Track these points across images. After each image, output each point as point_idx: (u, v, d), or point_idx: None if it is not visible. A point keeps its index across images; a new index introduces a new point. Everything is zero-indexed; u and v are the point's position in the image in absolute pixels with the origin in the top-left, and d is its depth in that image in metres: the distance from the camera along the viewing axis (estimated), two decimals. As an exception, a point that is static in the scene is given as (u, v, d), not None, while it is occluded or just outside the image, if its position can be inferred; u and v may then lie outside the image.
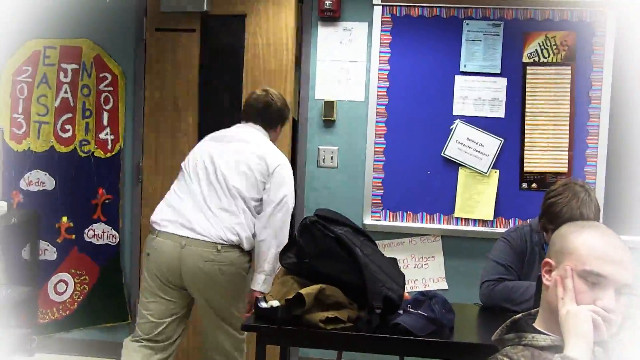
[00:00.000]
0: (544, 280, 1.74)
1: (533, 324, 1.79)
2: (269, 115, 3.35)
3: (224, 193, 3.08)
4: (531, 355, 1.68)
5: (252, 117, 3.35)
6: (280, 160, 3.22)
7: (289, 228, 3.18)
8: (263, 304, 2.54)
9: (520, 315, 1.87)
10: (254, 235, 3.12)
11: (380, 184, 4.21)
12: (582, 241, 1.67)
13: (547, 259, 1.75)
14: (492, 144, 4.13)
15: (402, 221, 4.20)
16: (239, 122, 3.40)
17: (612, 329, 1.66)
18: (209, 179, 3.12)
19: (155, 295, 3.10)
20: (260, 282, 3.09)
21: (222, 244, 3.01)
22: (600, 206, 3.50)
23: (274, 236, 3.08)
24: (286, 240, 3.06)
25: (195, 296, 3.12)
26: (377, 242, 3.95)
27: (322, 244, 2.60)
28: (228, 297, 3.11)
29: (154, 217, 3.15)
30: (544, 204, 2.84)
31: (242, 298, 3.15)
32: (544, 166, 4.12)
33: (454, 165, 4.15)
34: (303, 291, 2.48)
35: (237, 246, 3.07)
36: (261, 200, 3.14)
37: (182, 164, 3.28)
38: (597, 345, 1.62)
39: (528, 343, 1.72)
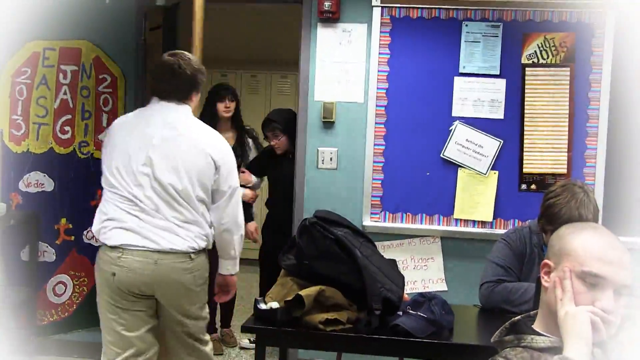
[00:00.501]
0: (543, 282, 1.74)
1: (532, 326, 1.79)
2: (179, 87, 2.96)
3: (181, 205, 2.85)
4: (530, 357, 1.68)
5: (162, 92, 2.97)
6: (221, 147, 2.99)
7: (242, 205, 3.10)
8: (262, 306, 2.55)
9: (519, 317, 1.87)
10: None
11: (379, 185, 4.21)
12: (580, 242, 1.67)
13: (545, 261, 1.75)
14: (491, 145, 4.13)
15: (402, 222, 4.21)
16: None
17: (611, 330, 1.66)
18: (154, 189, 2.84)
19: (125, 310, 2.87)
20: (231, 266, 3.05)
21: (193, 251, 2.87)
22: (599, 207, 3.52)
23: (234, 223, 2.97)
24: (243, 219, 3.04)
25: (167, 312, 2.92)
26: (376, 243, 3.95)
27: (322, 246, 2.61)
28: (199, 305, 2.97)
29: (115, 242, 2.85)
30: (542, 205, 2.84)
31: (205, 306, 3.04)
32: (543, 167, 4.13)
33: (453, 167, 4.15)
34: (302, 293, 2.48)
35: (204, 249, 2.95)
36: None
37: (108, 167, 2.93)
38: (596, 347, 1.62)
39: (527, 345, 1.72)
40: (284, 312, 2.48)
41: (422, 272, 4.10)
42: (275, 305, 2.53)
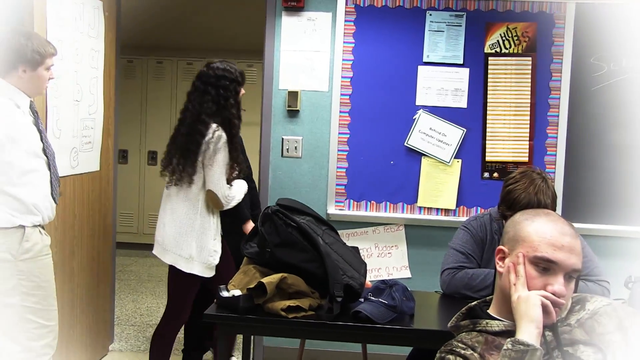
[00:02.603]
0: (498, 267, 1.78)
1: (488, 310, 1.83)
2: None
3: None
4: (485, 341, 1.71)
5: None
6: None
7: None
8: (225, 294, 2.55)
9: (475, 302, 1.91)
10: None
11: (344, 174, 4.23)
12: (533, 228, 1.71)
13: (500, 247, 1.79)
14: (454, 134, 4.17)
15: (366, 210, 4.23)
16: None
17: (562, 313, 1.71)
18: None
19: None
20: None
21: None
22: (557, 194, 3.57)
23: None
24: None
25: None
26: (340, 231, 4.02)
27: (284, 233, 2.61)
28: None
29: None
30: (502, 191, 2.88)
31: None
32: (506, 156, 4.18)
33: (417, 155, 4.19)
34: (264, 280, 2.49)
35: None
36: None
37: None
38: (547, 329, 1.66)
39: (482, 329, 1.76)
40: (246, 299, 2.49)
41: (386, 260, 4.14)
42: (237, 293, 2.53)
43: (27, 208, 2.82)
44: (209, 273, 3.38)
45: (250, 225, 3.75)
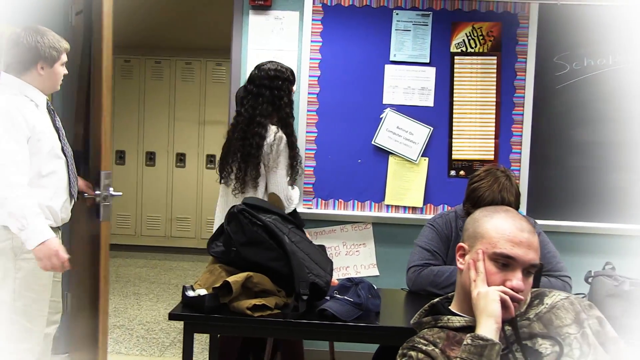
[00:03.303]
0: (458, 264, 1.81)
1: (449, 307, 1.86)
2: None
3: None
4: (446, 336, 1.74)
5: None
6: None
7: None
8: (190, 293, 2.54)
9: (438, 299, 1.94)
10: None
11: (311, 173, 4.24)
12: (492, 225, 1.74)
13: (460, 244, 1.81)
14: (421, 132, 4.20)
15: (334, 209, 4.25)
16: None
17: (521, 308, 1.74)
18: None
19: None
20: None
21: None
22: (522, 191, 3.62)
23: None
24: None
25: None
26: (308, 230, 4.03)
27: (250, 232, 2.61)
28: None
29: None
30: (467, 189, 2.92)
31: None
32: (472, 154, 4.23)
33: (384, 154, 4.21)
34: (230, 279, 2.49)
35: None
36: None
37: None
38: (507, 324, 1.69)
39: (444, 325, 1.78)
40: (211, 298, 2.49)
41: (354, 258, 4.16)
42: (203, 292, 2.53)
43: (41, 211, 2.79)
44: None
45: None
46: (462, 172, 4.20)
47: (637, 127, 4.21)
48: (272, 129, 3.40)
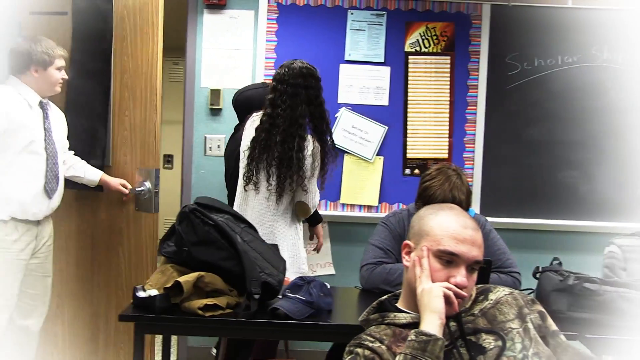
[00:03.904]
0: (404, 262, 1.83)
1: (397, 304, 1.88)
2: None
3: None
4: (393, 333, 1.76)
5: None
6: None
7: None
8: (141, 294, 2.52)
9: (386, 296, 1.96)
10: None
11: (267, 172, 4.23)
12: (437, 223, 1.76)
13: (406, 241, 1.84)
14: (376, 132, 4.23)
15: (290, 208, 4.25)
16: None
17: (465, 304, 1.77)
18: None
19: None
20: None
21: None
22: (476, 189, 3.67)
23: None
24: None
25: None
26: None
27: (201, 232, 2.60)
28: None
29: None
30: (419, 187, 2.95)
31: None
32: (426, 152, 4.27)
33: (339, 153, 4.22)
34: (181, 279, 2.47)
35: None
36: None
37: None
38: (452, 320, 1.72)
39: (390, 322, 1.80)
40: (162, 299, 2.47)
41: (310, 257, 4.14)
42: (154, 292, 2.50)
43: (6, 199, 3.10)
44: None
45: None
46: (416, 171, 4.24)
47: (586, 126, 4.31)
48: (309, 137, 3.23)
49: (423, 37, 4.26)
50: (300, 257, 3.39)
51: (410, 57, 4.26)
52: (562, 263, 2.95)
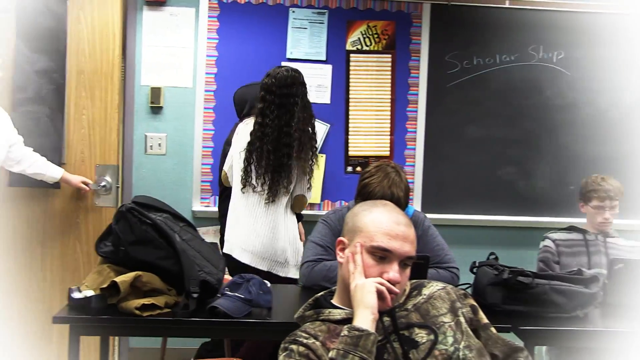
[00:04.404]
0: (338, 258, 1.84)
1: (332, 300, 1.89)
2: None
3: None
4: (327, 329, 1.77)
5: None
6: None
7: None
8: (76, 295, 2.48)
9: (321, 293, 1.97)
10: None
11: (209, 170, 4.21)
12: (370, 219, 1.78)
13: (340, 238, 1.85)
14: (318, 129, 4.21)
15: (232, 207, 4.23)
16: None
17: (399, 299, 1.79)
18: None
19: None
20: None
21: None
22: (417, 186, 3.71)
23: None
24: None
25: None
26: (207, 228, 4.02)
27: (139, 231, 2.57)
28: None
29: None
30: (359, 185, 2.97)
31: None
32: (368, 150, 4.31)
33: (282, 151, 4.22)
34: (118, 279, 2.44)
35: None
36: None
37: None
38: (385, 315, 1.74)
39: (325, 318, 1.81)
40: (98, 299, 2.43)
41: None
42: (90, 293, 2.47)
43: None
44: None
45: None
46: (358, 168, 4.27)
47: (523, 123, 4.41)
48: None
49: (364, 36, 4.29)
50: (300, 250, 3.50)
51: (351, 55, 4.29)
52: (498, 258, 3.02)
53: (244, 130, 3.55)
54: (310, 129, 3.50)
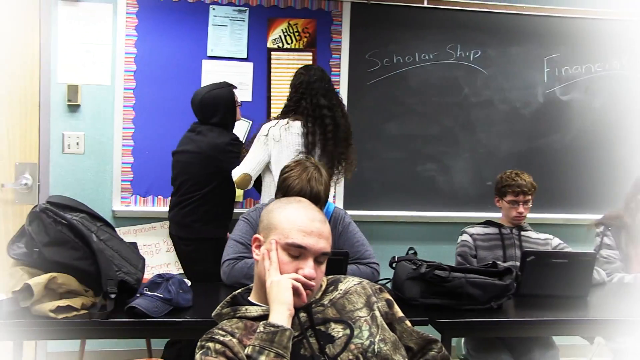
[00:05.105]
0: (254, 255, 1.85)
1: (249, 297, 1.90)
2: None
3: None
4: (244, 326, 1.78)
5: None
6: None
7: None
8: (-13, 298, 2.41)
9: (239, 290, 1.98)
10: None
11: (129, 169, 4.14)
12: (284, 216, 1.80)
13: (256, 235, 1.86)
14: (240, 127, 4.22)
15: (153, 206, 4.18)
16: None
17: (315, 295, 1.82)
18: None
19: None
20: None
21: None
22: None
23: None
24: None
25: None
26: (128, 227, 3.98)
27: (53, 232, 2.51)
28: None
29: None
30: (279, 179, 2.99)
31: None
32: (290, 148, 4.31)
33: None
34: (31, 281, 2.38)
35: None
36: None
37: None
38: (302, 310, 1.76)
39: (242, 315, 1.82)
40: (10, 303, 2.37)
41: (175, 254, 4.10)
42: (1, 297, 2.40)
43: None
44: None
45: None
46: (281, 166, 4.28)
47: (442, 121, 4.52)
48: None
49: (285, 34, 4.31)
50: None
51: (272, 53, 4.30)
52: (417, 253, 3.09)
53: (288, 131, 3.69)
54: None
